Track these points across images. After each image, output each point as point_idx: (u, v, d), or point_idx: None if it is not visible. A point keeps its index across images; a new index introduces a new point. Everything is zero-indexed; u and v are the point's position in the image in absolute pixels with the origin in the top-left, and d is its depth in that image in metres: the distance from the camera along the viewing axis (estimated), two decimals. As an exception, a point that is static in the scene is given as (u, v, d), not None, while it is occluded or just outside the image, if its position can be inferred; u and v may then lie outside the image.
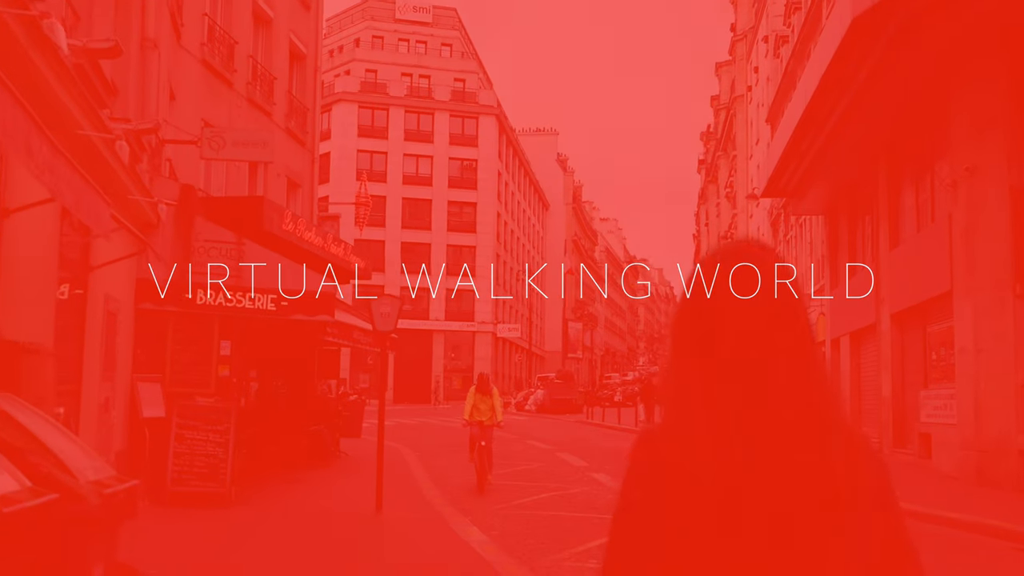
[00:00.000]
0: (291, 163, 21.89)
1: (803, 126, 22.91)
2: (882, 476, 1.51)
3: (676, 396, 1.53)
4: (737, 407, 1.45)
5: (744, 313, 1.48)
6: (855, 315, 25.04)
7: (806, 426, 1.45)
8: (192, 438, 11.92)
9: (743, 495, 1.41)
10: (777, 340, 1.48)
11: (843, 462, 1.44)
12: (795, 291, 1.54)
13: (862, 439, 1.51)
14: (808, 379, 1.48)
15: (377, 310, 11.95)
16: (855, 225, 26.31)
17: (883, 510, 1.48)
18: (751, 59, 54.46)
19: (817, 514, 1.40)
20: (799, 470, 1.42)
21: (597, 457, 22.46)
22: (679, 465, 1.44)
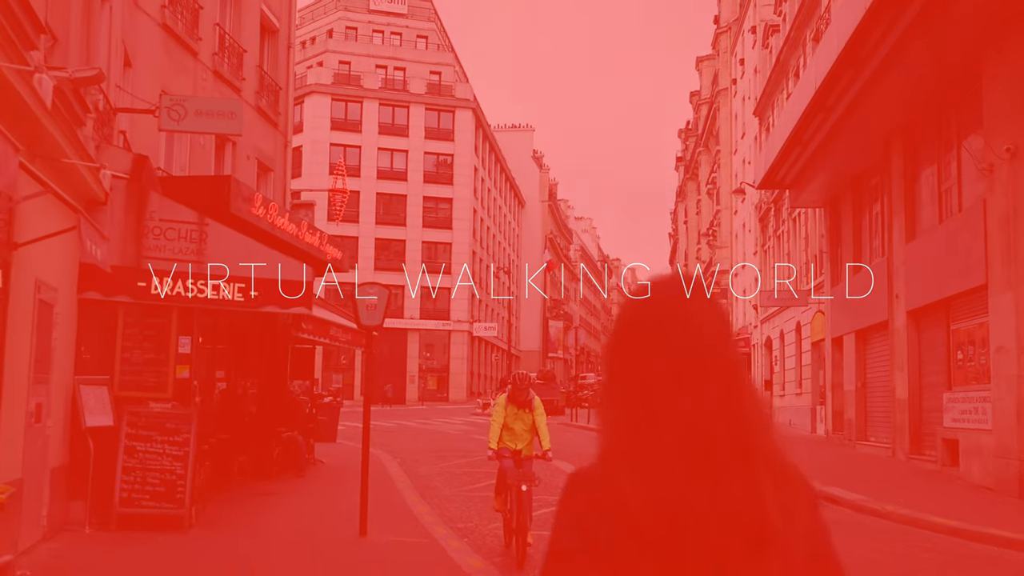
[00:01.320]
0: (262, 145, 20.13)
1: (811, 111, 21.49)
2: (815, 512, 1.49)
3: (609, 433, 1.49)
4: (671, 444, 1.40)
5: (677, 346, 1.45)
6: (862, 312, 23.64)
7: (741, 463, 1.40)
8: (145, 450, 10.19)
9: (680, 538, 1.36)
10: (710, 373, 1.43)
11: (776, 499, 1.40)
12: (726, 323, 1.51)
13: (795, 472, 1.47)
14: (742, 412, 1.43)
15: (363, 301, 10.29)
16: (861, 217, 24.92)
17: (817, 548, 1.46)
18: (735, 52, 53.15)
19: (753, 555, 1.36)
20: (733, 509, 1.37)
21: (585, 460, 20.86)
22: (614, 509, 1.38)
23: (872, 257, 23.81)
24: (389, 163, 68.65)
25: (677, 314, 1.48)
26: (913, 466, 19.11)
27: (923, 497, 14.73)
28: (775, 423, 1.54)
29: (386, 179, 68.24)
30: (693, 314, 1.48)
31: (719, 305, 1.53)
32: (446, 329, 68.75)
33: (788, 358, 35.91)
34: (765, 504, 1.39)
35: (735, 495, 1.38)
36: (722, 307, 1.54)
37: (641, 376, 1.46)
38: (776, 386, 38.61)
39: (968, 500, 14.51)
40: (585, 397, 47.38)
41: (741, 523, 1.37)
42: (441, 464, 20.86)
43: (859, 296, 23.70)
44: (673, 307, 1.49)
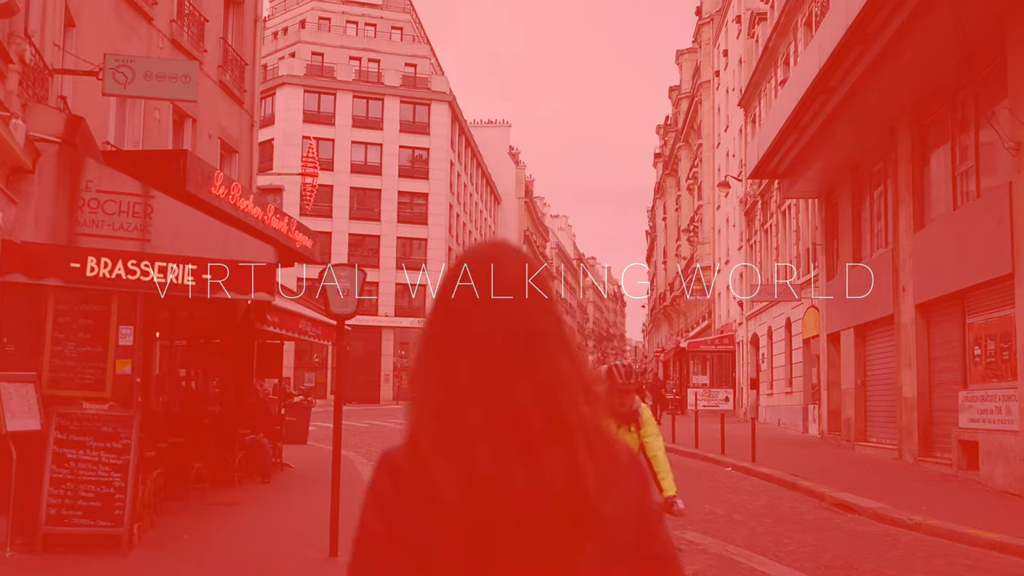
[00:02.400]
0: (226, 124, 18.61)
1: (812, 93, 20.25)
2: (644, 495, 1.48)
3: (419, 412, 1.42)
4: (482, 424, 1.35)
5: (494, 316, 1.40)
6: (862, 306, 22.46)
7: (558, 443, 1.36)
8: (77, 459, 8.72)
9: (491, 520, 1.31)
10: (527, 349, 1.40)
11: (597, 480, 1.36)
12: (547, 291, 1.46)
13: (624, 453, 1.46)
14: (563, 390, 1.39)
15: (332, 287, 8.88)
16: (860, 207, 23.73)
17: (647, 532, 1.45)
18: (718, 43, 52.04)
19: (571, 535, 1.34)
20: (549, 490, 1.34)
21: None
22: (421, 492, 1.33)
23: (873, 249, 22.64)
24: (363, 157, 67.03)
25: (492, 287, 1.42)
26: (925, 470, 17.90)
27: (947, 505, 13.49)
28: (603, 402, 1.49)
29: (360, 173, 66.60)
30: (510, 287, 1.42)
31: (543, 277, 1.46)
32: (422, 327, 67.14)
33: (777, 355, 34.74)
34: (584, 484, 1.35)
35: (551, 475, 1.34)
36: (547, 279, 1.47)
37: (453, 352, 1.40)
38: (763, 384, 37.46)
39: (999, 509, 13.28)
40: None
41: (557, 503, 1.34)
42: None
43: (859, 290, 22.52)
44: (488, 279, 1.43)
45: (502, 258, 1.46)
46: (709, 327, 52.83)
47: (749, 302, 40.30)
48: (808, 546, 10.91)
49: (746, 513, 13.47)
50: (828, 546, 10.95)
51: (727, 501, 14.76)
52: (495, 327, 1.39)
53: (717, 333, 47.71)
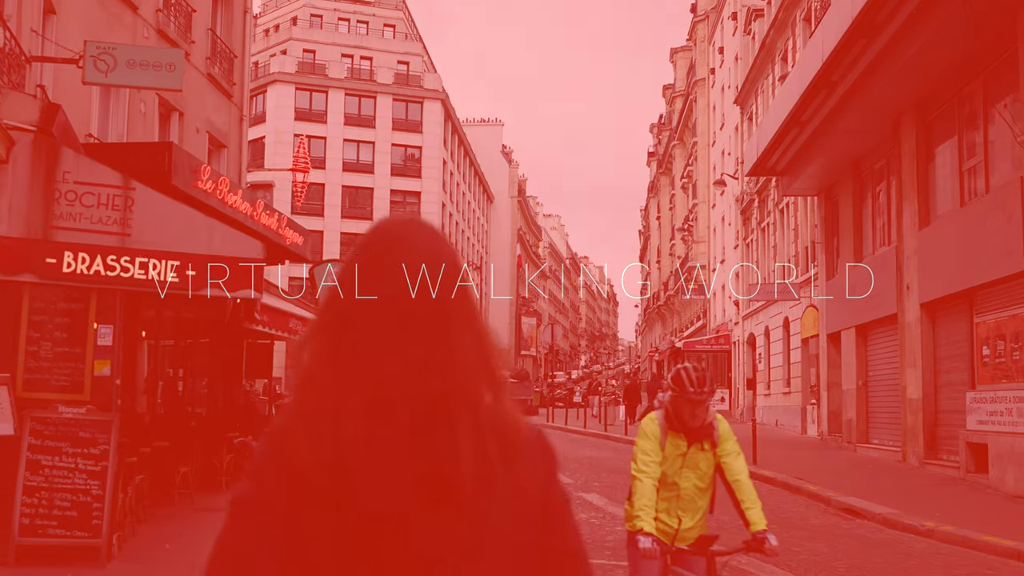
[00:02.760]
0: (214, 118, 18.10)
1: (814, 88, 19.89)
2: (550, 480, 1.45)
3: (302, 386, 1.40)
4: (361, 399, 1.33)
5: (392, 292, 1.37)
6: (863, 305, 22.05)
7: (441, 422, 1.33)
8: (52, 465, 8.23)
9: (354, 495, 1.30)
10: (420, 326, 1.36)
11: (478, 462, 1.33)
12: (455, 271, 1.42)
13: (530, 438, 1.43)
14: (457, 369, 1.36)
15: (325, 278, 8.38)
16: (861, 204, 23.33)
17: (551, 518, 1.42)
18: (713, 40, 51.64)
19: (438, 519, 1.31)
20: (419, 469, 1.31)
21: (579, 470, 19.11)
22: (289, 464, 1.33)
23: (876, 247, 22.23)
24: (355, 155, 66.50)
25: (388, 261, 1.39)
26: (930, 472, 17.49)
27: (959, 510, 13.07)
28: (507, 384, 1.45)
29: (352, 171, 66.07)
30: (413, 263, 1.39)
31: (447, 253, 1.44)
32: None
33: (774, 356, 34.34)
34: (459, 465, 1.32)
35: (424, 456, 1.32)
36: (452, 255, 1.45)
37: (346, 324, 1.37)
38: (760, 385, 37.05)
39: (1013, 514, 12.86)
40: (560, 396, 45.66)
41: (425, 485, 1.31)
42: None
43: (861, 289, 22.12)
44: (386, 250, 1.40)
45: (409, 235, 1.42)
46: (704, 327, 52.45)
47: (746, 302, 39.91)
48: (820, 555, 10.47)
49: (751, 518, 13.03)
50: (840, 555, 10.52)
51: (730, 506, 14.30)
52: (391, 303, 1.36)
53: (712, 333, 47.31)
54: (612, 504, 14.19)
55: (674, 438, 4.86)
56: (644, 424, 4.96)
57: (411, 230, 1.43)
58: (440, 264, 1.41)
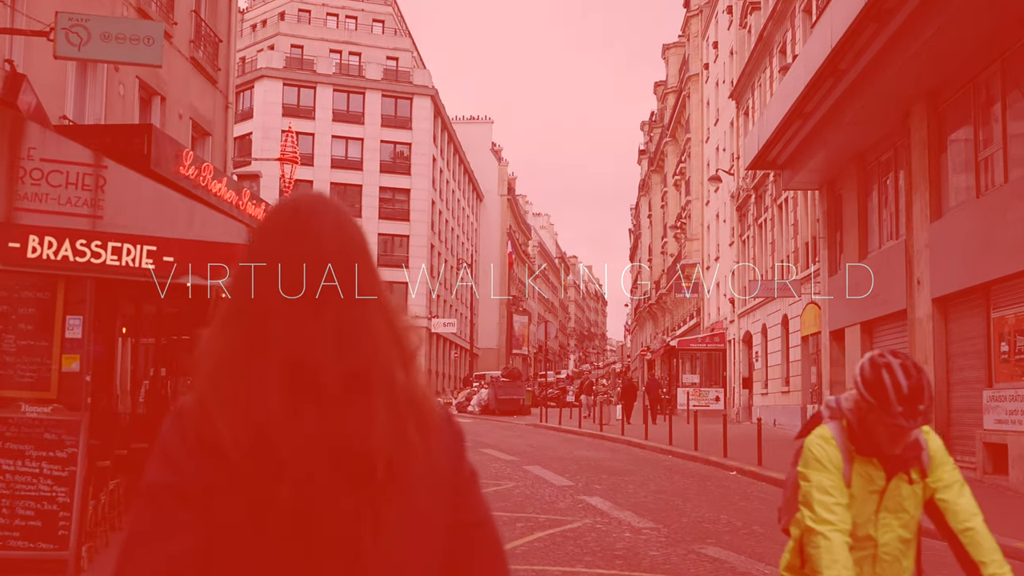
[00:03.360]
0: (198, 104, 17.31)
1: (820, 77, 19.24)
2: (459, 457, 1.46)
3: (214, 361, 1.37)
4: (274, 374, 1.32)
5: (302, 269, 1.36)
6: (869, 301, 21.42)
7: (356, 398, 1.33)
8: (14, 471, 7.45)
9: (270, 473, 1.28)
10: (331, 302, 1.35)
11: (393, 438, 1.33)
12: (362, 248, 1.43)
13: (441, 415, 1.44)
14: (370, 345, 1.36)
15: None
16: (866, 197, 22.69)
17: (461, 494, 1.43)
18: (707, 35, 51.04)
19: (359, 497, 1.31)
20: (334, 445, 1.30)
21: (578, 472, 18.40)
22: (202, 442, 1.31)
23: (883, 241, 21.59)
24: (344, 152, 65.70)
25: (300, 236, 1.38)
26: (944, 473, 16.83)
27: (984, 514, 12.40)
28: (417, 361, 1.46)
29: (340, 168, 65.26)
30: (320, 237, 1.39)
31: (355, 229, 1.44)
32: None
33: (772, 354, 33.71)
34: (378, 445, 1.32)
35: (342, 433, 1.31)
36: (359, 231, 1.45)
37: (258, 302, 1.36)
38: (757, 384, 36.42)
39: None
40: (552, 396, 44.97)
41: (345, 464, 1.30)
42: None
43: (866, 285, 21.49)
44: (296, 228, 1.39)
45: (318, 214, 1.41)
46: (697, 325, 51.83)
47: (741, 299, 39.30)
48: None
49: (766, 524, 12.34)
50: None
51: (742, 510, 13.63)
52: (302, 280, 1.35)
53: (707, 331, 46.68)
54: (617, 508, 13.51)
55: (864, 466, 3.20)
56: (814, 447, 3.23)
57: (320, 210, 1.41)
58: (351, 243, 1.40)
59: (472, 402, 43.98)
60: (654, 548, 10.53)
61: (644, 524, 12.13)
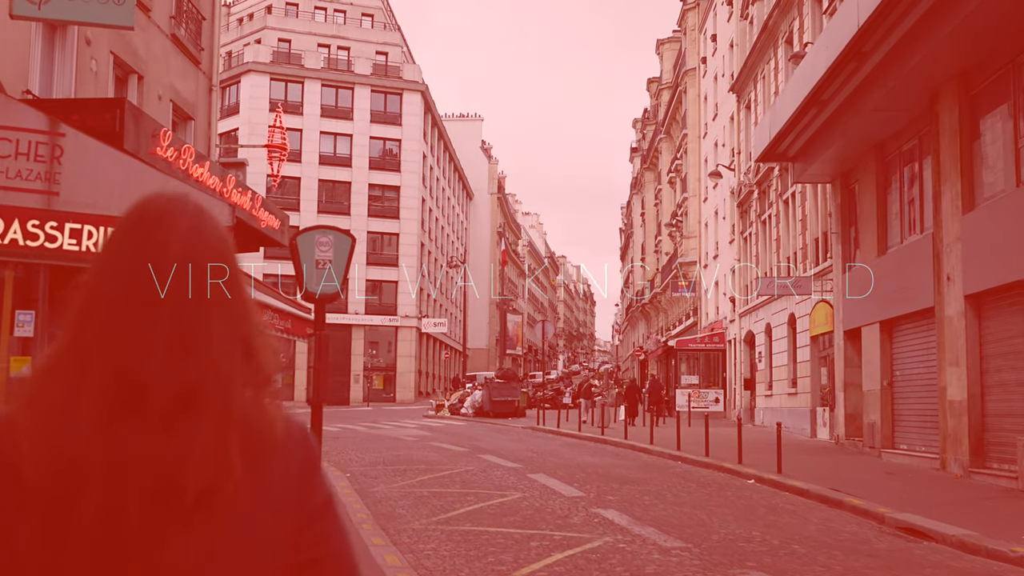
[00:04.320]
0: (180, 85, 16.06)
1: (842, 60, 18.12)
2: (309, 483, 1.34)
3: (39, 371, 1.29)
4: (92, 388, 1.22)
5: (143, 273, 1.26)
6: (890, 298, 20.34)
7: (183, 417, 1.23)
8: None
9: (71, 493, 1.19)
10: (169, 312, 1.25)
11: (218, 461, 1.22)
12: (220, 254, 1.32)
13: (279, 435, 1.31)
14: (209, 361, 1.26)
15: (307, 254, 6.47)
16: (886, 190, 21.59)
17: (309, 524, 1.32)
18: (705, 28, 49.96)
19: (167, 528, 1.20)
20: (154, 470, 1.20)
21: (586, 481, 17.22)
22: (4, 461, 1.22)
23: (904, 235, 20.50)
24: (332, 148, 64.40)
25: (145, 238, 1.29)
26: (980, 483, 15.75)
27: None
28: (270, 380, 1.36)
29: (329, 165, 63.98)
30: (167, 240, 1.28)
31: (212, 232, 1.32)
32: (393, 325, 64.64)
33: (777, 354, 32.61)
34: (187, 466, 1.21)
35: (157, 451, 1.22)
36: (217, 235, 1.33)
37: (92, 308, 1.27)
38: (761, 385, 35.32)
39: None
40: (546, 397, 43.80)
41: (157, 490, 1.21)
42: (401, 481, 17.08)
43: (886, 281, 20.43)
44: (143, 229, 1.30)
45: (170, 217, 1.31)
46: (694, 325, 50.75)
47: (743, 299, 38.23)
48: (914, 593, 8.64)
49: (805, 542, 11.19)
50: (938, 592, 8.69)
51: (773, 525, 12.48)
52: (143, 290, 1.25)
53: (706, 331, 45.57)
54: (637, 523, 12.34)
55: None
56: None
57: (173, 212, 1.31)
58: (204, 248, 1.30)
59: (465, 404, 42.77)
60: (690, 573, 9.36)
61: (671, 543, 10.97)
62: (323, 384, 6.26)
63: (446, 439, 28.03)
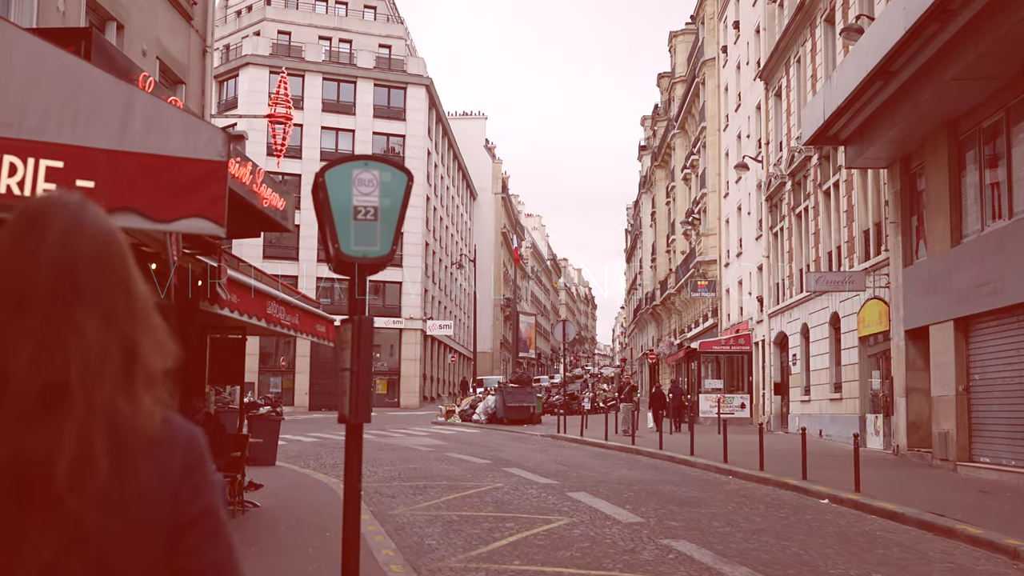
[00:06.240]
0: (167, 42, 13.81)
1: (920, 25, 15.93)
2: (194, 489, 1.32)
3: None
4: None
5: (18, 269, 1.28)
6: (966, 294, 18.13)
7: (50, 413, 1.23)
8: None
9: None
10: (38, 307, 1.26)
11: (87, 463, 1.21)
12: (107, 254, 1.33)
13: (154, 435, 1.30)
14: (81, 359, 1.26)
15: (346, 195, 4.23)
16: (959, 172, 19.34)
17: (180, 535, 1.29)
18: (725, 15, 47.75)
19: (26, 531, 1.19)
20: (19, 463, 1.20)
21: (636, 501, 14.96)
22: None
23: (984, 222, 18.26)
24: (334, 144, 62.17)
25: (22, 236, 1.30)
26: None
27: None
28: (155, 379, 1.34)
29: (331, 161, 61.72)
30: (42, 239, 1.30)
31: (94, 231, 1.33)
32: (397, 327, 62.34)
33: (816, 357, 30.33)
34: (52, 465, 1.20)
35: (18, 446, 1.21)
36: (101, 234, 1.34)
37: None
38: (796, 390, 33.03)
39: None
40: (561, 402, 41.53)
41: (13, 479, 1.20)
42: (424, 501, 14.84)
43: (965, 273, 18.22)
44: (21, 228, 1.31)
45: (48, 208, 1.33)
46: (714, 327, 48.48)
47: (772, 298, 35.99)
48: None
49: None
50: None
51: (888, 562, 10.23)
52: (11, 284, 1.27)
53: (730, 332, 43.29)
54: (723, 560, 10.11)
55: None
56: None
57: (51, 211, 1.33)
58: (78, 248, 1.30)
59: (478, 410, 40.47)
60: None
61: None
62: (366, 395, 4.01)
63: (463, 449, 25.76)
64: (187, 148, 4.74)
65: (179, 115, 4.81)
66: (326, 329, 14.09)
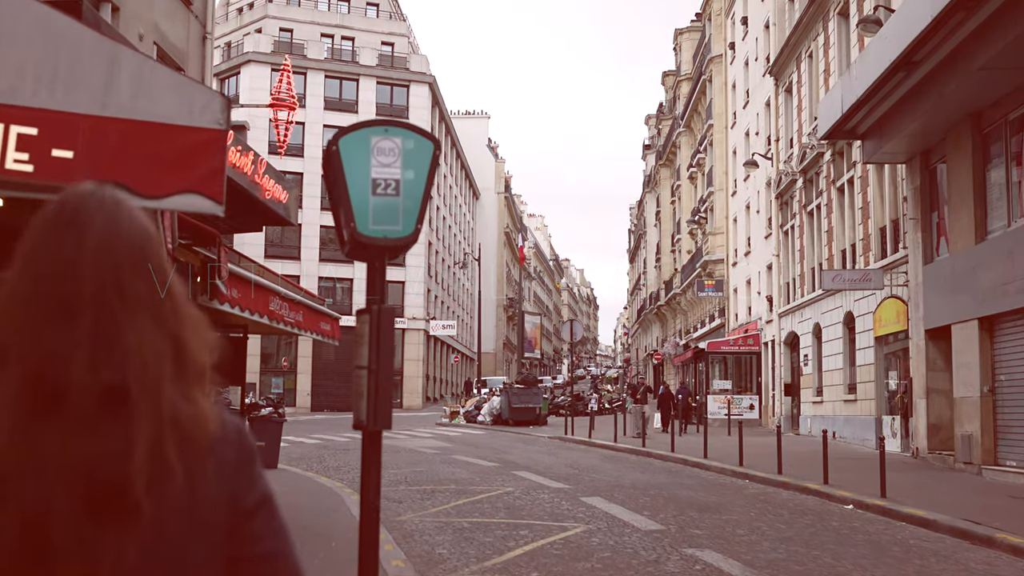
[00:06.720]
0: (166, 27, 13.21)
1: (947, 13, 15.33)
2: (238, 482, 1.32)
3: None
4: (13, 386, 1.20)
5: (66, 267, 1.24)
6: (991, 292, 17.54)
7: (112, 416, 1.20)
8: None
9: (12, 495, 1.16)
10: (92, 308, 1.23)
11: (158, 462, 1.21)
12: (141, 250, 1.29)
13: (212, 432, 1.29)
14: (138, 359, 1.23)
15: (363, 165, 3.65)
16: (983, 166, 18.74)
17: (241, 526, 1.30)
18: (733, 11, 47.15)
19: (99, 530, 1.17)
20: (83, 470, 1.18)
21: (655, 507, 14.36)
22: None
23: (1011, 218, 17.65)
24: (336, 142, 61.53)
25: (61, 234, 1.26)
26: None
27: None
28: (205, 378, 1.34)
29: (333, 159, 61.12)
30: (83, 237, 1.26)
31: (133, 227, 1.30)
32: (399, 328, 61.69)
33: (829, 357, 29.71)
34: (127, 466, 1.19)
35: (86, 453, 1.19)
36: (139, 230, 1.31)
37: (4, 310, 1.25)
38: (807, 391, 32.41)
39: None
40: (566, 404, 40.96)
41: (86, 486, 1.18)
42: (432, 507, 14.25)
43: (990, 271, 17.63)
44: (59, 226, 1.27)
45: (84, 205, 1.29)
46: (721, 326, 47.87)
47: (783, 297, 35.39)
48: None
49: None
50: None
51: (927, 574, 9.63)
52: (57, 286, 1.23)
53: (738, 332, 42.68)
54: (750, 571, 9.52)
55: None
56: None
57: (90, 204, 1.29)
58: (124, 244, 1.28)
59: (483, 411, 39.84)
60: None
61: (822, 607, 8.13)
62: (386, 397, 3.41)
63: (470, 451, 25.16)
64: (180, 114, 4.14)
65: (171, 76, 4.21)
66: (331, 327, 13.49)
